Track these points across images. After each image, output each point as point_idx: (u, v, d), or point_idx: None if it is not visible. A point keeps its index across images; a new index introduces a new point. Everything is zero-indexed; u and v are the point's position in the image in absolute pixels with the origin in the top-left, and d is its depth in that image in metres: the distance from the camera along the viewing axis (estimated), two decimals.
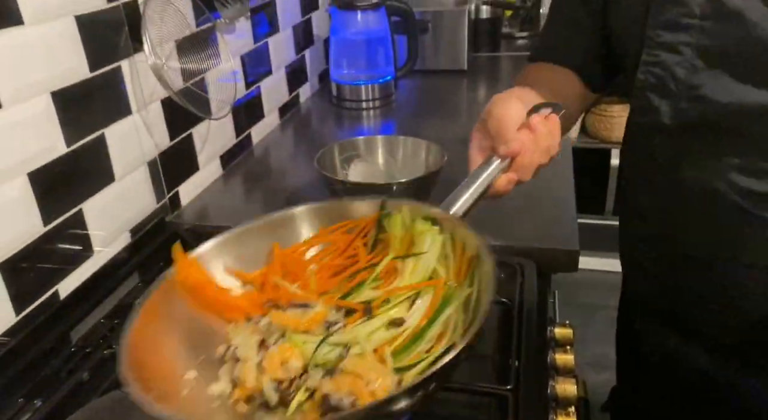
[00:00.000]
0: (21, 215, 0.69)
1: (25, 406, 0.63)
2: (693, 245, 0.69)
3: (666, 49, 0.62)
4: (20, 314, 0.70)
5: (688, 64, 0.61)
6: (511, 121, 0.59)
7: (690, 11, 0.60)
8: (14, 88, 0.66)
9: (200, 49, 1.00)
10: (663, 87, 0.64)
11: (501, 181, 0.58)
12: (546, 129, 0.59)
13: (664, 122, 0.65)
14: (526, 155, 0.58)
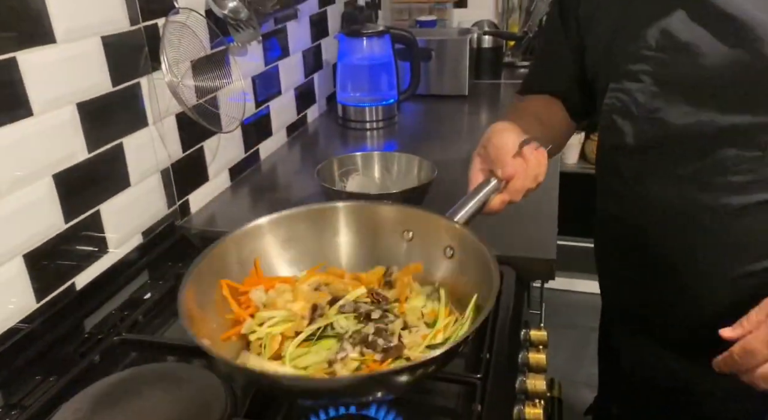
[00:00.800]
0: (45, 213, 0.77)
1: (42, 382, 0.70)
2: (658, 255, 0.75)
3: (628, 78, 0.70)
4: (40, 302, 0.77)
5: (648, 91, 0.69)
6: (508, 150, 0.68)
7: (647, 44, 0.68)
8: (44, 99, 0.75)
9: (214, 70, 1.09)
10: (626, 110, 0.71)
11: (495, 201, 0.68)
12: (536, 159, 0.69)
13: (627, 142, 0.72)
14: (519, 180, 0.67)
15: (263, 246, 0.66)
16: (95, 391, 0.67)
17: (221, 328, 0.60)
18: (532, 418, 0.72)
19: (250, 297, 0.61)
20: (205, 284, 0.59)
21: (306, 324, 0.56)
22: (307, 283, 0.63)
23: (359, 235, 0.68)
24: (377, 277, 0.64)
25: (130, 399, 0.66)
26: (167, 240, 0.99)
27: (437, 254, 0.64)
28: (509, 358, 0.73)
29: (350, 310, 0.58)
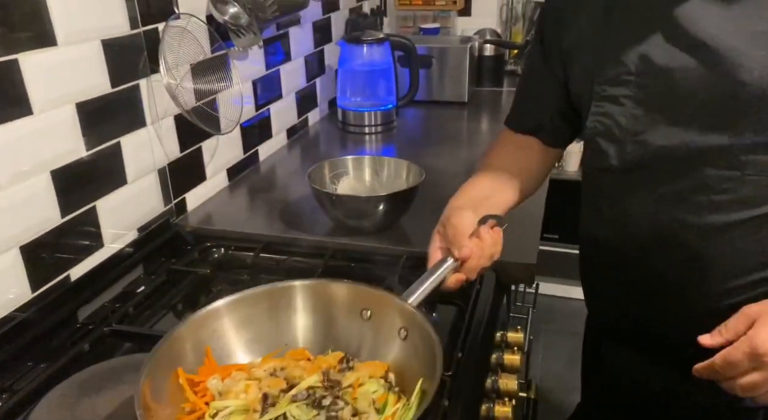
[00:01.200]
0: (42, 207, 0.81)
1: (32, 368, 0.73)
2: (642, 273, 0.76)
3: (610, 101, 0.72)
4: (35, 292, 0.81)
5: (629, 114, 0.71)
6: (465, 230, 0.70)
7: (627, 69, 0.70)
8: (44, 99, 0.78)
9: (213, 73, 1.13)
10: (609, 133, 0.73)
11: (451, 280, 0.70)
12: (492, 239, 0.71)
13: (611, 163, 0.74)
14: (474, 260, 0.70)
15: (220, 329, 0.66)
16: (83, 378, 0.71)
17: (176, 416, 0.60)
18: (501, 416, 0.74)
19: (206, 385, 0.62)
20: (163, 372, 0.60)
21: (258, 416, 0.57)
22: (264, 369, 0.64)
23: (317, 314, 0.69)
24: (336, 359, 0.65)
25: (115, 386, 0.69)
26: (162, 236, 1.03)
27: (392, 335, 0.65)
28: (481, 358, 0.76)
29: (303, 398, 0.59)
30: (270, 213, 1.14)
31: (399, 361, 0.65)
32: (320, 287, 0.70)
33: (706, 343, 0.61)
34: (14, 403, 0.67)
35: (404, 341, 0.65)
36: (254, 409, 0.59)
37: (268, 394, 0.60)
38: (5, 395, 0.69)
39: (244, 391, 0.61)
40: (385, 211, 1.00)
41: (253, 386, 0.62)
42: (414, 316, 0.64)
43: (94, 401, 0.67)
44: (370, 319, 0.68)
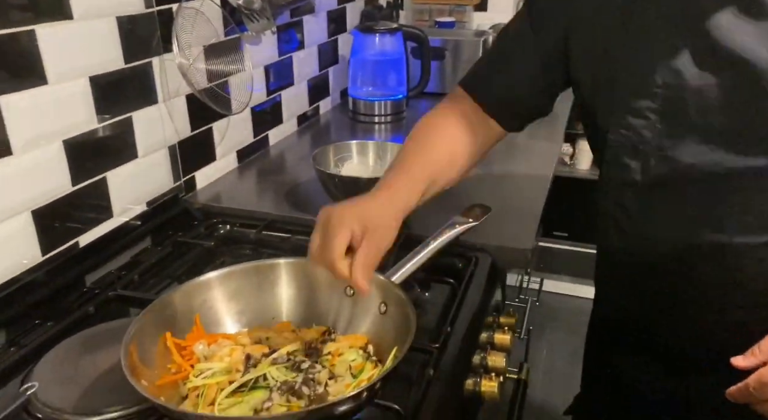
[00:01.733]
0: (54, 174, 0.84)
1: (40, 325, 0.77)
2: (662, 288, 0.74)
3: (633, 114, 0.68)
4: (45, 255, 0.84)
5: (654, 128, 0.67)
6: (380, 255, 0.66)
7: (653, 81, 0.65)
8: (59, 70, 0.82)
9: (226, 56, 1.16)
10: (633, 148, 0.69)
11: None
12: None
13: (634, 178, 0.70)
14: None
15: (211, 299, 0.70)
16: (86, 336, 0.74)
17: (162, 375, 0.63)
18: (488, 390, 0.76)
19: (192, 350, 0.65)
20: (151, 335, 0.63)
21: (240, 375, 0.60)
22: (249, 338, 0.66)
23: (303, 290, 0.71)
24: (318, 333, 0.68)
25: (115, 344, 0.71)
26: (170, 211, 1.06)
27: (372, 310, 0.68)
28: (470, 334, 0.77)
29: (283, 361, 0.61)
30: (276, 194, 1.17)
31: (378, 334, 0.67)
32: (306, 265, 0.71)
33: (739, 364, 0.59)
34: (21, 356, 0.70)
35: (383, 315, 0.67)
36: (236, 369, 0.62)
37: (251, 355, 0.63)
38: (13, 348, 0.72)
39: (229, 355, 0.64)
40: None
41: (238, 350, 0.65)
42: (392, 291, 0.67)
43: (96, 357, 0.70)
44: (353, 296, 0.70)
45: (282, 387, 0.58)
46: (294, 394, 0.58)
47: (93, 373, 0.68)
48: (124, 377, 0.66)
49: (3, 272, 0.79)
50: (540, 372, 2.07)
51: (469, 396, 0.74)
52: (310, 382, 0.59)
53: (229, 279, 0.71)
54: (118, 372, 0.67)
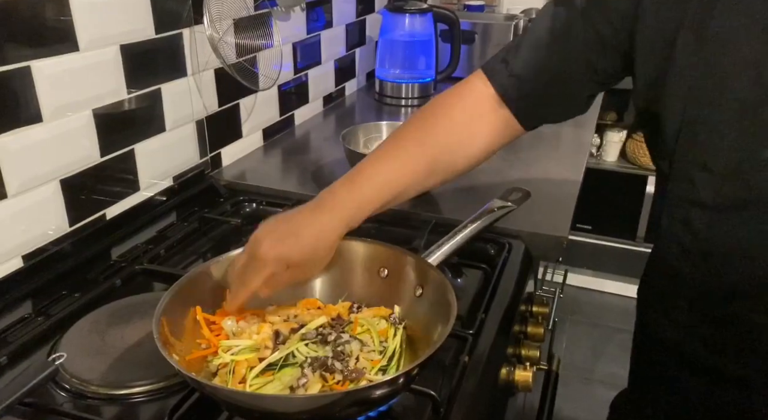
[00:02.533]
0: (83, 144, 0.82)
1: (67, 296, 0.76)
2: (727, 306, 0.67)
3: (707, 128, 0.60)
4: (73, 226, 0.83)
5: (730, 146, 0.59)
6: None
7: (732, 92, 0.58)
8: (90, 37, 0.80)
9: (255, 30, 1.14)
10: (702, 165, 0.61)
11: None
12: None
13: (702, 199, 0.63)
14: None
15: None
16: (114, 308, 0.73)
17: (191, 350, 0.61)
18: (521, 379, 0.74)
19: (221, 325, 0.63)
20: (181, 308, 0.61)
21: (269, 352, 0.58)
22: (278, 315, 0.65)
23: (336, 270, 0.69)
24: (345, 308, 0.66)
25: (143, 318, 0.71)
26: (196, 187, 1.04)
27: (408, 293, 0.66)
28: (504, 322, 0.75)
29: (312, 337, 0.60)
30: (303, 174, 1.15)
31: (413, 317, 0.65)
32: (341, 245, 0.69)
33: None
34: (48, 326, 0.69)
35: (419, 298, 0.65)
36: (265, 346, 0.60)
37: (280, 332, 0.61)
38: (40, 318, 0.71)
39: (257, 332, 0.63)
40: None
41: (266, 327, 0.63)
42: (430, 273, 0.64)
43: (123, 330, 0.69)
44: (387, 277, 0.68)
45: (313, 364, 0.57)
46: (327, 369, 0.56)
47: (120, 346, 0.66)
48: (151, 351, 0.65)
49: (31, 241, 0.78)
50: (560, 365, 2.05)
51: (502, 386, 0.72)
52: (341, 356, 0.57)
53: None
54: (145, 346, 0.67)
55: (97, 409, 0.59)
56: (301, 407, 0.52)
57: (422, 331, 0.63)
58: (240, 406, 0.54)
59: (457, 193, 1.04)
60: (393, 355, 0.60)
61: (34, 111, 0.74)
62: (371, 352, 0.60)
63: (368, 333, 0.62)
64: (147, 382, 0.61)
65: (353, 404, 0.52)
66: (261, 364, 0.58)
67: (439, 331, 0.58)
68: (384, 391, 0.53)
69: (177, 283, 0.62)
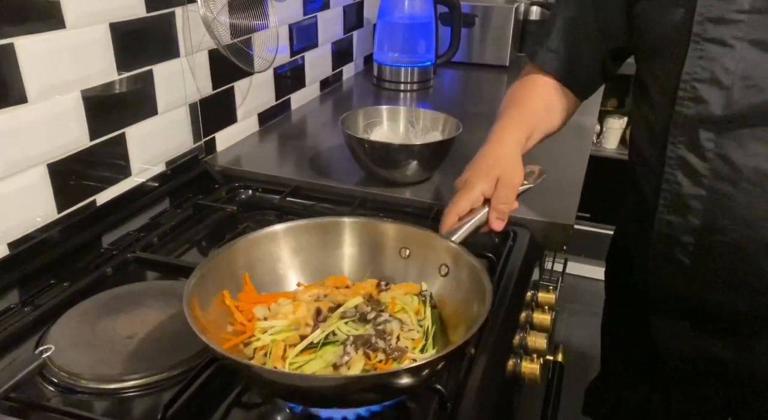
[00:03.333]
0: (71, 127, 0.79)
1: (55, 286, 0.73)
2: (739, 231, 0.68)
3: (715, 43, 0.64)
4: (61, 213, 0.80)
5: (739, 57, 0.63)
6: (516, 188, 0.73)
7: (739, 7, 0.62)
8: (77, 14, 0.76)
9: (250, 11, 1.10)
10: (713, 79, 0.65)
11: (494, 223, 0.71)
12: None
13: (714, 113, 0.66)
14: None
15: (276, 252, 0.67)
16: (105, 298, 0.70)
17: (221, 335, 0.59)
18: (528, 372, 0.71)
19: (252, 311, 0.61)
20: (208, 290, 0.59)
21: (310, 330, 0.57)
22: (308, 295, 0.64)
23: (361, 248, 0.70)
24: (373, 285, 0.66)
25: (135, 308, 0.68)
26: (190, 173, 1.01)
27: (432, 272, 0.66)
28: (511, 312, 0.73)
29: (351, 315, 0.59)
30: (300, 159, 1.12)
31: (439, 296, 0.64)
32: (368, 225, 0.71)
33: None
34: (36, 317, 0.66)
35: (445, 277, 0.65)
36: (305, 323, 0.58)
37: (321, 309, 0.59)
38: (27, 308, 0.68)
39: (293, 312, 0.61)
40: (417, 163, 0.97)
41: (302, 306, 0.61)
42: (456, 252, 0.64)
43: (115, 321, 0.66)
44: (409, 258, 0.68)
45: (356, 341, 0.55)
46: (370, 347, 0.55)
47: (112, 337, 0.63)
48: (144, 343, 0.63)
49: (17, 228, 0.74)
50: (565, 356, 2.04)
51: (509, 379, 0.70)
52: (382, 334, 0.57)
53: (293, 233, 0.68)
54: (138, 338, 0.64)
55: (87, 404, 0.56)
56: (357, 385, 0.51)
57: (453, 309, 0.62)
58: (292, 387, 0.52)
59: None
60: (428, 335, 0.60)
61: (19, 92, 0.71)
62: (411, 331, 0.59)
63: (404, 312, 0.61)
64: (140, 375, 0.59)
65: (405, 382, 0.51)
66: (303, 341, 0.56)
67: (475, 311, 0.57)
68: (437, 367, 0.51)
69: (199, 267, 0.59)
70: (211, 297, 0.59)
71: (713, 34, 0.64)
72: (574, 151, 1.17)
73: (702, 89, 0.66)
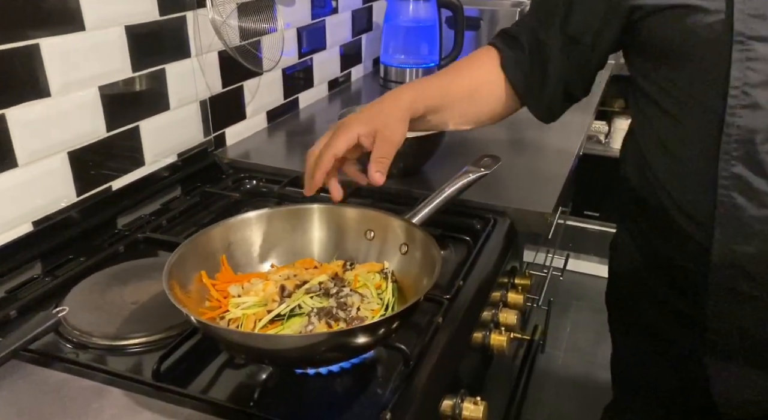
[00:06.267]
0: (89, 119, 0.88)
1: (72, 260, 0.81)
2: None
3: (765, 41, 0.58)
4: (80, 196, 0.89)
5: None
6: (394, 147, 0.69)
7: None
8: (95, 18, 0.85)
9: (259, 15, 1.18)
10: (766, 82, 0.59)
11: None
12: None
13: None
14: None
15: (250, 237, 0.74)
16: (115, 271, 0.78)
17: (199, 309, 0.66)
18: (496, 343, 0.77)
19: (227, 289, 0.68)
20: (188, 270, 0.66)
21: (277, 305, 0.64)
22: (279, 275, 0.70)
23: (329, 232, 0.76)
24: (339, 266, 0.72)
25: (142, 280, 0.76)
26: (199, 164, 1.09)
27: (394, 251, 0.72)
28: (482, 289, 0.78)
29: (316, 290, 0.65)
30: (304, 153, 1.16)
31: (402, 272, 0.70)
32: (335, 210, 0.77)
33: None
34: (54, 286, 0.75)
35: (404, 255, 0.70)
36: (272, 299, 0.65)
37: (285, 286, 0.66)
38: (48, 278, 0.77)
39: (263, 289, 0.68)
40: (409, 155, 1.03)
41: (270, 284, 0.68)
42: (413, 231, 0.70)
43: (123, 290, 0.74)
44: (374, 239, 0.74)
45: (319, 312, 0.62)
46: (331, 317, 0.61)
47: (119, 303, 0.71)
48: (146, 308, 0.71)
49: (41, 208, 0.83)
50: (562, 350, 2.07)
51: (478, 348, 0.76)
52: (343, 306, 0.63)
53: (266, 219, 0.75)
54: (142, 304, 0.72)
55: (97, 357, 0.64)
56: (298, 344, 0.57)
57: (411, 283, 0.68)
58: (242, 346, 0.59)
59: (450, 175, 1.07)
60: (388, 306, 0.66)
61: (43, 86, 0.80)
62: (370, 303, 0.65)
63: (366, 287, 0.67)
64: (142, 334, 0.66)
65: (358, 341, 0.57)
66: (269, 314, 0.63)
67: (425, 282, 0.63)
68: (383, 329, 0.57)
69: (178, 248, 0.66)
70: (191, 276, 0.66)
71: (761, 31, 0.57)
72: (566, 146, 1.22)
73: (758, 94, 0.59)
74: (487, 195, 0.95)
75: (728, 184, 0.62)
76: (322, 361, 0.59)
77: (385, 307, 0.65)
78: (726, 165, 0.62)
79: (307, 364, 0.60)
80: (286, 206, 0.77)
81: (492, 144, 1.20)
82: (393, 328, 0.58)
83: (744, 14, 0.58)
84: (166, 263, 0.63)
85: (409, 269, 0.69)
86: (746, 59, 0.59)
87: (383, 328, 0.57)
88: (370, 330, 0.56)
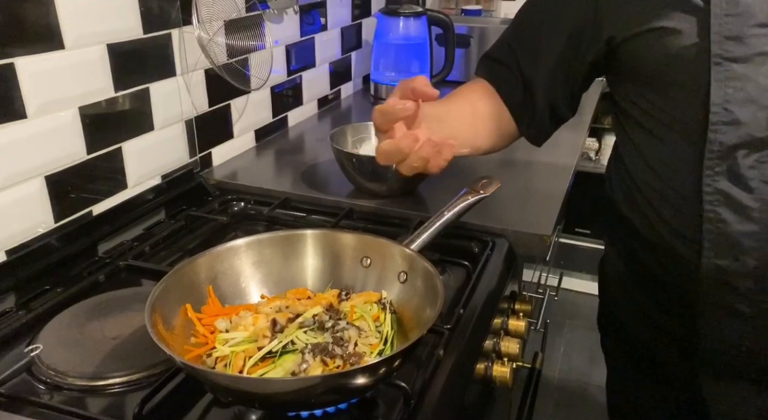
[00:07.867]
0: (68, 141, 0.84)
1: (49, 291, 0.77)
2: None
3: (740, 62, 0.60)
4: (58, 222, 0.84)
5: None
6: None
7: (758, 21, 0.58)
8: (75, 35, 0.81)
9: (246, 32, 1.15)
10: (748, 98, 0.60)
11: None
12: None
13: (755, 135, 0.60)
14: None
15: (238, 266, 0.69)
16: (94, 303, 0.74)
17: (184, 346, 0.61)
18: (499, 375, 0.74)
19: (214, 324, 0.64)
20: (172, 304, 0.62)
21: (268, 341, 0.60)
22: (270, 307, 0.66)
23: (323, 260, 0.72)
24: (334, 296, 0.68)
25: (123, 312, 0.72)
26: (185, 186, 1.05)
27: (392, 279, 0.68)
28: (484, 317, 0.75)
29: (310, 324, 0.61)
30: (293, 173, 1.16)
31: (401, 302, 0.67)
32: (329, 236, 0.73)
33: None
34: (29, 320, 0.70)
35: (403, 284, 0.67)
36: (263, 335, 0.61)
37: (277, 320, 0.62)
38: (21, 312, 0.72)
39: (253, 324, 0.63)
40: (402, 176, 1.00)
41: (261, 318, 0.64)
42: (413, 259, 0.66)
43: (103, 324, 0.69)
44: (370, 266, 0.70)
45: (314, 349, 0.58)
46: (327, 354, 0.57)
47: (98, 338, 0.67)
48: (128, 344, 0.67)
49: (16, 236, 0.79)
50: (557, 369, 2.04)
51: (480, 380, 0.72)
52: (340, 341, 0.59)
53: (252, 247, 0.70)
54: (123, 339, 0.67)
55: (73, 399, 0.60)
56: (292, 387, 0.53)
57: (412, 314, 0.64)
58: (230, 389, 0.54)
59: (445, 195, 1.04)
60: (387, 339, 0.62)
61: (19, 108, 0.76)
62: (368, 337, 0.61)
63: (363, 319, 0.63)
64: (123, 373, 0.62)
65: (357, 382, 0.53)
66: (260, 351, 0.58)
67: (428, 314, 0.59)
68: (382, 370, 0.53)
69: (162, 281, 0.62)
70: (176, 310, 0.62)
71: (736, 53, 0.59)
72: (561, 165, 1.19)
73: (738, 111, 0.60)
74: (483, 216, 0.92)
75: (713, 200, 0.63)
76: (316, 404, 0.55)
77: (383, 341, 0.61)
78: (710, 180, 0.63)
79: (301, 408, 0.56)
80: (277, 232, 0.73)
81: (486, 163, 1.18)
82: (394, 367, 0.54)
83: (720, 37, 0.60)
84: (148, 297, 0.58)
85: (408, 299, 0.65)
86: (726, 78, 0.60)
87: (384, 368, 0.53)
88: (369, 371, 0.52)
